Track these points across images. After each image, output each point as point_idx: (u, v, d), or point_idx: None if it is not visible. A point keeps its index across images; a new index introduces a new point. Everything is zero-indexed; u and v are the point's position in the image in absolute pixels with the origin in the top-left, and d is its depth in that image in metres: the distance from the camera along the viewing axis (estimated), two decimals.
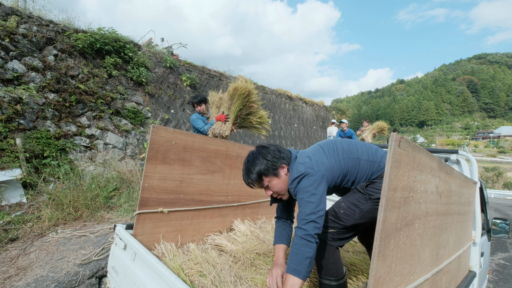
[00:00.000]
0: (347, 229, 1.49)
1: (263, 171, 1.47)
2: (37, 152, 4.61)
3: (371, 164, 1.52)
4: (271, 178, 1.49)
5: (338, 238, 1.49)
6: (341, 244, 1.51)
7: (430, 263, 1.22)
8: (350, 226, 1.48)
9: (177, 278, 1.34)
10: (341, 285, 1.49)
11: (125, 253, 1.81)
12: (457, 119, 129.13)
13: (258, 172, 1.47)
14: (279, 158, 1.50)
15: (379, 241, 0.80)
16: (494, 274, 4.61)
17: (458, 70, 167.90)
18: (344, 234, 1.50)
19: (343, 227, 1.48)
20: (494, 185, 29.63)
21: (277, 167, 1.48)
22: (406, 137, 0.83)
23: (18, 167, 4.23)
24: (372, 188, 1.47)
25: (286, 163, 1.50)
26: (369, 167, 1.51)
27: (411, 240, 1.00)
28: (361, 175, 1.52)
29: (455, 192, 1.48)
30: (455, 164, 2.36)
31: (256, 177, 1.48)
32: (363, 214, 1.47)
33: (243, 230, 2.45)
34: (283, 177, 1.49)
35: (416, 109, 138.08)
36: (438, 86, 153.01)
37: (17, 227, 3.45)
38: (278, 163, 1.48)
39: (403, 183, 0.88)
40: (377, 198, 1.43)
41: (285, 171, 1.50)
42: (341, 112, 18.23)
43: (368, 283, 0.80)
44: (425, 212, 1.09)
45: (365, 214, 1.47)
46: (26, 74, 5.16)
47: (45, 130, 4.90)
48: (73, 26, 6.55)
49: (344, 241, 1.52)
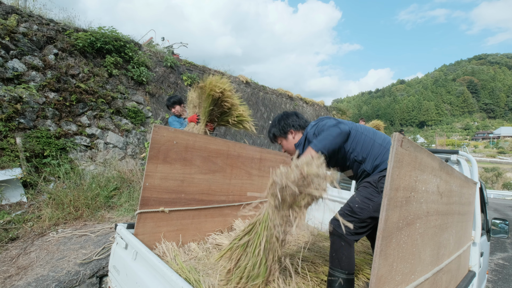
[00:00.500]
0: (362, 223, 1.56)
1: (275, 132, 1.88)
2: (37, 152, 4.61)
3: (383, 150, 1.63)
4: (281, 139, 1.88)
5: (354, 232, 1.56)
6: (356, 239, 1.59)
7: (431, 263, 1.22)
8: (365, 219, 1.55)
9: (179, 277, 1.34)
10: (350, 281, 1.55)
11: (126, 252, 1.81)
12: (457, 119, 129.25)
13: (273, 132, 1.89)
14: (289, 125, 1.83)
15: (381, 240, 0.80)
16: (493, 274, 4.62)
17: (458, 70, 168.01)
18: (360, 229, 1.57)
19: (359, 220, 1.56)
20: (494, 186, 29.66)
21: (286, 131, 1.84)
22: (398, 133, 0.84)
23: (18, 166, 4.23)
24: (383, 182, 1.52)
25: (294, 129, 1.84)
26: (380, 151, 1.63)
27: (412, 240, 1.00)
28: (372, 155, 1.63)
29: (455, 192, 1.48)
30: (456, 164, 2.37)
31: (272, 136, 1.91)
32: (377, 207, 1.54)
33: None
34: (290, 140, 1.84)
35: (417, 109, 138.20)
36: (439, 87, 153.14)
37: (17, 226, 3.46)
38: (287, 128, 1.83)
39: (405, 183, 0.89)
40: None
41: (292, 135, 1.84)
42: (341, 112, 18.24)
43: (370, 282, 0.81)
44: (426, 212, 1.10)
45: (378, 207, 1.53)
46: (27, 73, 5.16)
47: (45, 129, 4.90)
48: (73, 25, 6.55)
49: (359, 236, 1.59)
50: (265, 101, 12.66)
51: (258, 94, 12.38)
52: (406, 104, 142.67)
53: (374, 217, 1.55)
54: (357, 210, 1.56)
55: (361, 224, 1.56)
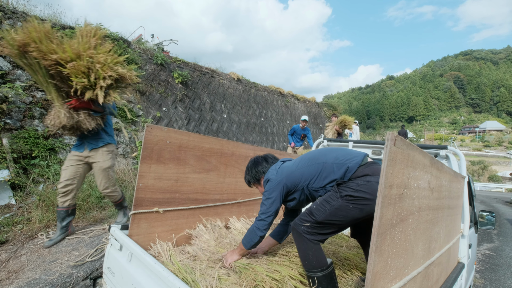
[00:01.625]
0: (319, 224, 1.58)
1: (250, 180, 2.03)
2: (25, 152, 4.49)
3: (338, 166, 1.65)
4: (255, 184, 2.03)
5: (313, 232, 1.59)
6: (318, 239, 1.60)
7: (423, 256, 1.26)
8: (321, 221, 1.57)
9: (175, 277, 1.34)
10: (328, 275, 1.57)
11: (121, 254, 1.80)
12: (445, 114, 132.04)
13: (248, 180, 2.05)
14: (259, 172, 1.97)
15: (376, 237, 0.82)
16: (480, 264, 4.78)
17: (445, 66, 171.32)
18: (319, 229, 1.59)
19: (315, 221, 1.58)
20: (480, 178, 30.54)
21: (258, 178, 1.99)
22: (392, 132, 0.86)
23: (5, 168, 4.12)
24: (343, 186, 1.57)
25: (264, 175, 1.94)
26: (336, 168, 1.65)
27: (405, 235, 1.03)
28: (326, 175, 1.67)
29: (445, 187, 1.52)
30: (444, 159, 2.43)
31: (247, 182, 2.06)
32: (333, 211, 1.54)
33: (239, 227, 2.46)
34: (263, 185, 1.90)
35: (405, 104, 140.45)
36: (426, 82, 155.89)
37: (6, 229, 3.37)
38: (258, 175, 1.98)
39: (398, 180, 0.91)
40: (348, 195, 1.52)
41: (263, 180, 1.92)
42: (332, 108, 18.39)
43: (366, 278, 0.83)
44: (418, 207, 1.13)
45: (335, 211, 1.54)
46: (12, 72, 5.01)
47: (33, 129, 4.78)
48: (59, 22, 6.37)
49: (321, 236, 1.61)
50: (257, 98, 12.65)
51: (250, 91, 12.35)
52: (396, 99, 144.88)
53: (331, 220, 1.56)
54: (314, 211, 1.60)
55: (318, 225, 1.58)
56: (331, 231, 1.61)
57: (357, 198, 1.50)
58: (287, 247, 2.13)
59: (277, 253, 2.04)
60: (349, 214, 1.52)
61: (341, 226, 1.62)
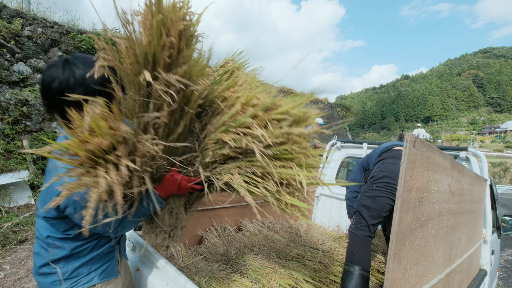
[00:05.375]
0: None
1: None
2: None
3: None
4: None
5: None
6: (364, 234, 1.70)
7: (443, 263, 1.20)
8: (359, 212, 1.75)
9: (188, 280, 1.33)
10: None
11: (134, 255, 1.81)
12: (463, 114, 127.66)
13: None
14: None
15: (394, 243, 0.79)
16: (503, 270, 4.56)
17: (463, 64, 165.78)
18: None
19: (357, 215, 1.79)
20: (501, 180, 29.28)
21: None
22: (411, 133, 0.82)
23: (25, 169, 4.27)
24: (368, 172, 1.88)
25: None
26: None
27: (425, 241, 0.98)
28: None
29: (466, 191, 1.45)
30: (465, 161, 2.33)
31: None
32: (362, 197, 1.75)
33: (251, 230, 2.44)
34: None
35: (422, 104, 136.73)
36: (444, 81, 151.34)
37: (25, 228, 3.49)
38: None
39: (417, 184, 0.87)
40: (370, 177, 1.75)
41: None
42: (346, 109, 18.13)
43: (384, 286, 0.79)
44: (438, 212, 1.08)
45: (365, 198, 1.74)
46: (32, 76, 5.20)
47: (51, 131, 4.95)
48: (77, 27, 6.58)
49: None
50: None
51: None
52: (411, 99, 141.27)
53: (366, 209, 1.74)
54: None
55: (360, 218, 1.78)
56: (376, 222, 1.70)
57: (376, 178, 1.66)
58: (299, 250, 2.09)
59: (289, 257, 2.00)
60: (375, 194, 1.65)
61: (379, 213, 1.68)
